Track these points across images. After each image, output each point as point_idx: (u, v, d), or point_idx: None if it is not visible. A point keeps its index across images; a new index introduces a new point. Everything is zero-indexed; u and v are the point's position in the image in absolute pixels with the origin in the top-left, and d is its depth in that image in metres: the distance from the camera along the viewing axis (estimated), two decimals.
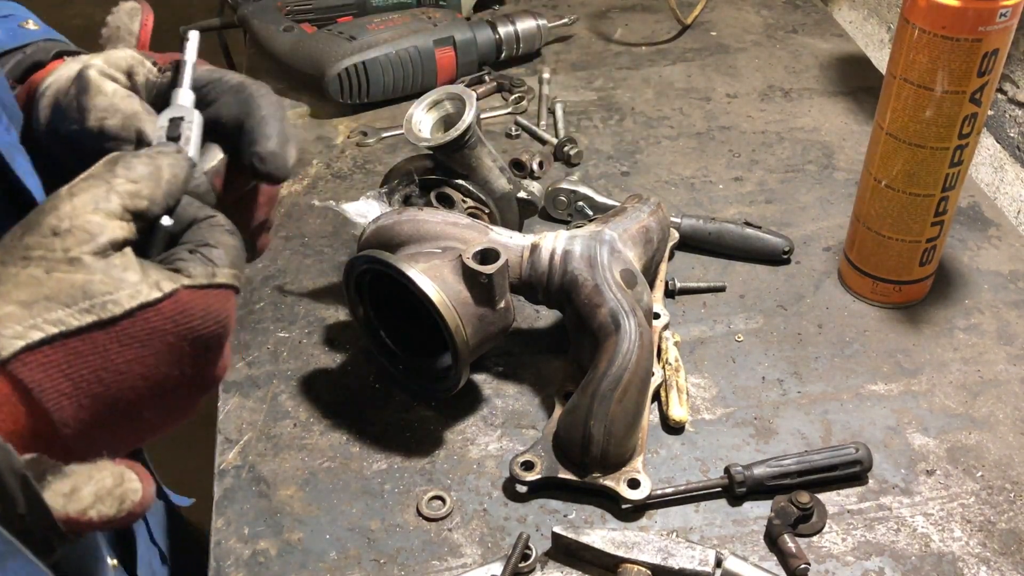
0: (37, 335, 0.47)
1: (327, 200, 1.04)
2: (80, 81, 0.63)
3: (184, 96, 0.63)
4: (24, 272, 0.48)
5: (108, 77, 0.64)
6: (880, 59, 1.49)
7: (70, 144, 0.65)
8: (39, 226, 0.49)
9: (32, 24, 0.74)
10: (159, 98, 0.65)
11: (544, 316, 1.03)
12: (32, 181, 0.62)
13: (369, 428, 0.92)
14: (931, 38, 0.87)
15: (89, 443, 0.49)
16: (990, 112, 1.26)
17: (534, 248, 0.91)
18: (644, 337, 0.85)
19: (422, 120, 1.01)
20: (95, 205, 0.50)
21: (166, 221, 0.54)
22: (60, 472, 0.46)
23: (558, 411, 0.90)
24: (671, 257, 1.08)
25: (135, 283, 0.49)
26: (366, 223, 0.95)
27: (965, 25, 0.85)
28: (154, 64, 0.66)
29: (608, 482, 0.84)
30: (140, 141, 0.62)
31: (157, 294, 0.50)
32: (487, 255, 0.86)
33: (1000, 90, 1.25)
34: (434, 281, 0.84)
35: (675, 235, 1.08)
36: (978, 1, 0.84)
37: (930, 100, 0.90)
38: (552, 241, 0.91)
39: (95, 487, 0.46)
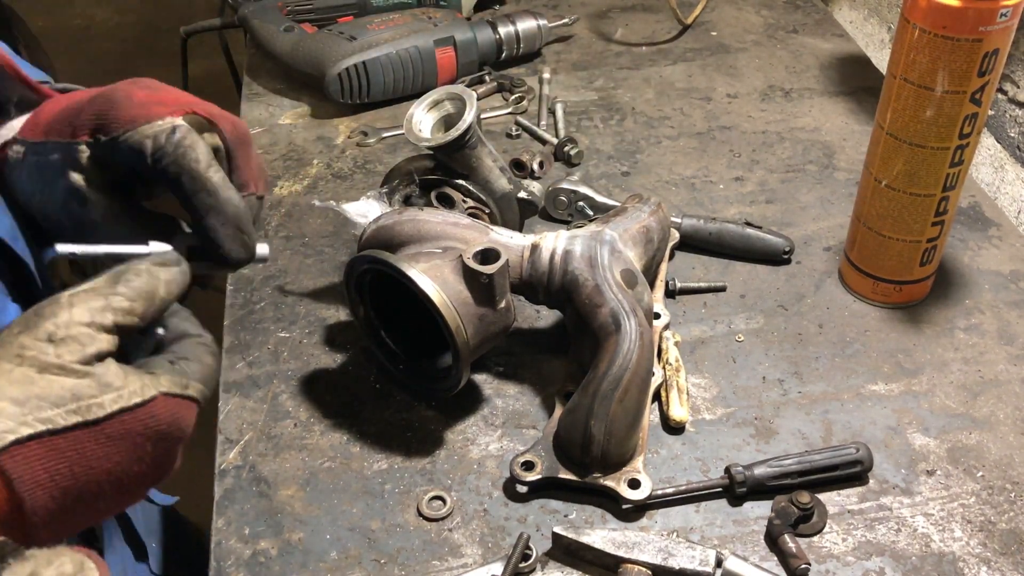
0: (26, 431, 0.50)
1: (327, 200, 1.04)
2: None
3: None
4: (18, 371, 0.51)
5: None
6: (880, 59, 1.49)
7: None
8: (36, 328, 0.52)
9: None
10: None
11: (544, 316, 1.03)
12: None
13: (369, 428, 0.92)
14: (931, 38, 0.87)
15: (51, 530, 0.52)
16: (990, 112, 1.26)
17: (534, 248, 0.91)
18: (644, 337, 0.85)
19: (422, 120, 1.01)
20: (91, 319, 0.54)
21: (160, 331, 0.60)
22: (21, 556, 0.48)
23: (558, 411, 0.90)
24: (671, 257, 1.08)
25: (118, 388, 0.53)
26: (366, 223, 0.95)
27: (965, 25, 0.85)
28: None
29: (608, 482, 0.84)
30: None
31: (137, 399, 0.54)
32: (488, 255, 0.86)
33: (1000, 90, 1.25)
34: (435, 281, 0.84)
35: (675, 235, 1.08)
36: (978, 1, 0.84)
37: (930, 100, 0.90)
38: (552, 241, 0.91)
39: (55, 572, 0.47)
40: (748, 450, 0.90)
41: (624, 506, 0.83)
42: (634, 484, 0.83)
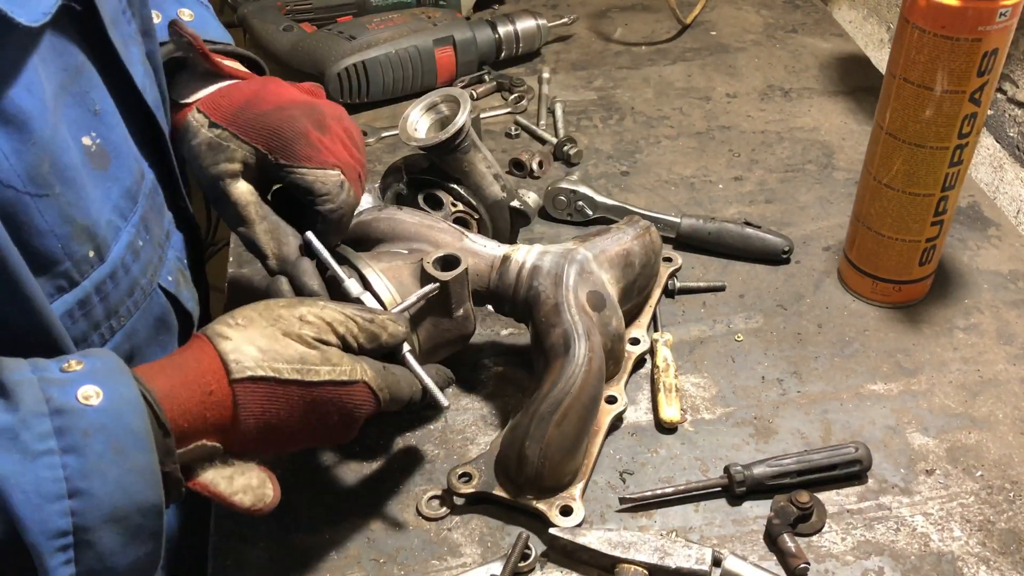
0: (260, 372, 0.66)
1: None
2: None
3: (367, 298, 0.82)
4: (270, 329, 0.68)
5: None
6: (880, 59, 1.49)
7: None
8: (294, 309, 0.70)
9: (187, 13, 0.91)
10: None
11: None
12: (137, 70, 0.77)
13: (369, 427, 0.92)
14: (931, 38, 0.87)
15: (247, 450, 0.69)
16: (990, 112, 1.26)
17: (505, 259, 0.90)
18: (593, 364, 0.83)
19: (418, 121, 1.01)
20: (331, 320, 0.71)
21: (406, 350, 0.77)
22: (227, 461, 0.68)
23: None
24: (678, 270, 1.06)
25: (335, 364, 0.69)
26: None
27: (965, 25, 0.85)
28: None
29: (540, 505, 0.82)
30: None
31: (345, 378, 0.70)
32: (448, 261, 0.84)
33: (1000, 90, 1.25)
34: (391, 282, 0.83)
35: (677, 260, 1.06)
36: (978, 1, 0.84)
37: (930, 100, 0.90)
38: (524, 254, 0.90)
39: (244, 480, 0.68)
40: (747, 450, 0.90)
41: (551, 530, 0.80)
42: (566, 511, 0.82)
